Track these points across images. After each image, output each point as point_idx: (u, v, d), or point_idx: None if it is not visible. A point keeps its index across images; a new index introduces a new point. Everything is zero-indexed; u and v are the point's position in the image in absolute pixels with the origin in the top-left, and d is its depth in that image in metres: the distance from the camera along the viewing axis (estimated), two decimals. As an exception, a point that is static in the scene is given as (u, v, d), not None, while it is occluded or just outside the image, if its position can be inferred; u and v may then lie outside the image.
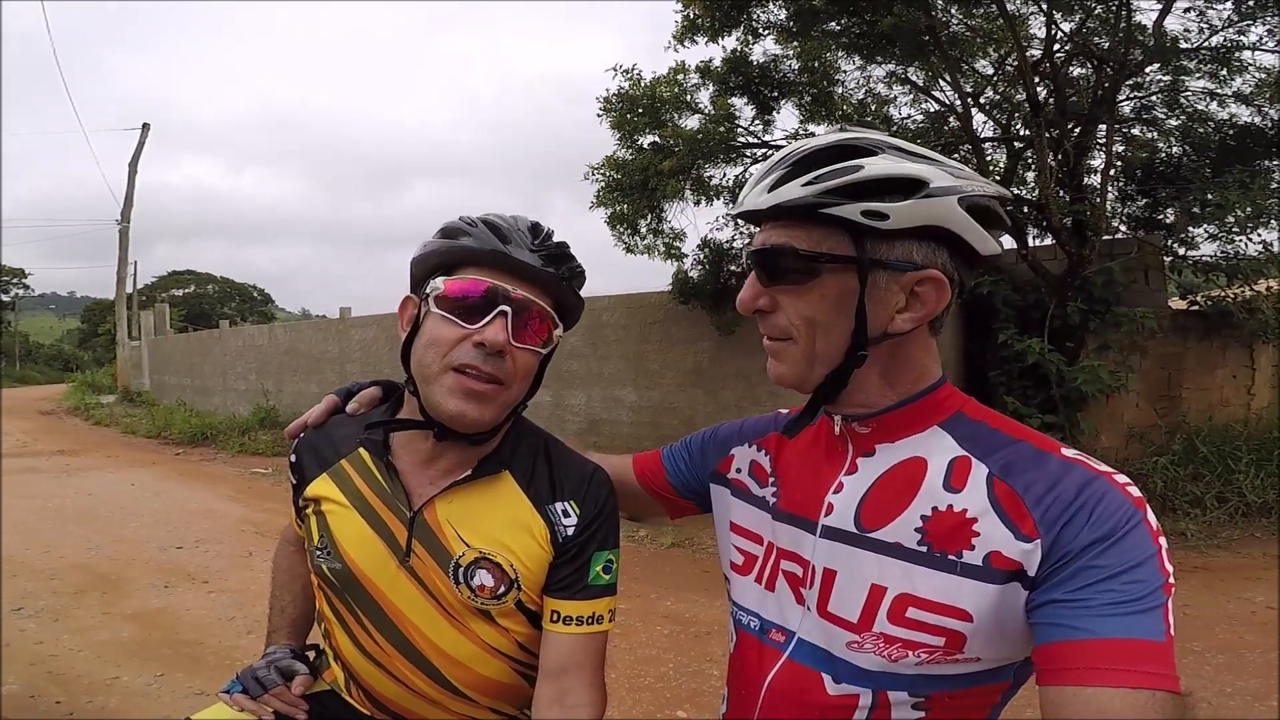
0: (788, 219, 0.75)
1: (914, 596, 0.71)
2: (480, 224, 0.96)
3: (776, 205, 0.73)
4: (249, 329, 13.76)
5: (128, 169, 18.66)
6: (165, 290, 42.28)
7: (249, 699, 1.05)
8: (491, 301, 0.93)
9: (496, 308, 0.92)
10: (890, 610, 0.73)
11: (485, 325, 0.92)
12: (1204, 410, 5.86)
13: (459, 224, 0.98)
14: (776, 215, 0.75)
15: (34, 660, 3.12)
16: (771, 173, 0.76)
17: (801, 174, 0.72)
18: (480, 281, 0.93)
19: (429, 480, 1.00)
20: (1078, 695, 0.59)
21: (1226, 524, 4.88)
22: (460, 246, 0.95)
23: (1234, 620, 3.44)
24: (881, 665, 0.73)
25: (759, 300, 0.79)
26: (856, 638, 0.75)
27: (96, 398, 17.96)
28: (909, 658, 0.71)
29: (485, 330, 0.91)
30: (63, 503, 6.51)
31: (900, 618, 0.72)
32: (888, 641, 0.73)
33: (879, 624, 0.73)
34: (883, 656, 0.73)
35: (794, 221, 0.75)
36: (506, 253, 0.93)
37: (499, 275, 0.94)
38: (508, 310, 0.93)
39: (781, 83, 6.32)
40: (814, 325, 0.75)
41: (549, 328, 0.99)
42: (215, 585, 4.23)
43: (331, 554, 1.01)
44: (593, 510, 1.01)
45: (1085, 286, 5.36)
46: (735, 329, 6.47)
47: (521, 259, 0.94)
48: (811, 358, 0.76)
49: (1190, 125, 5.84)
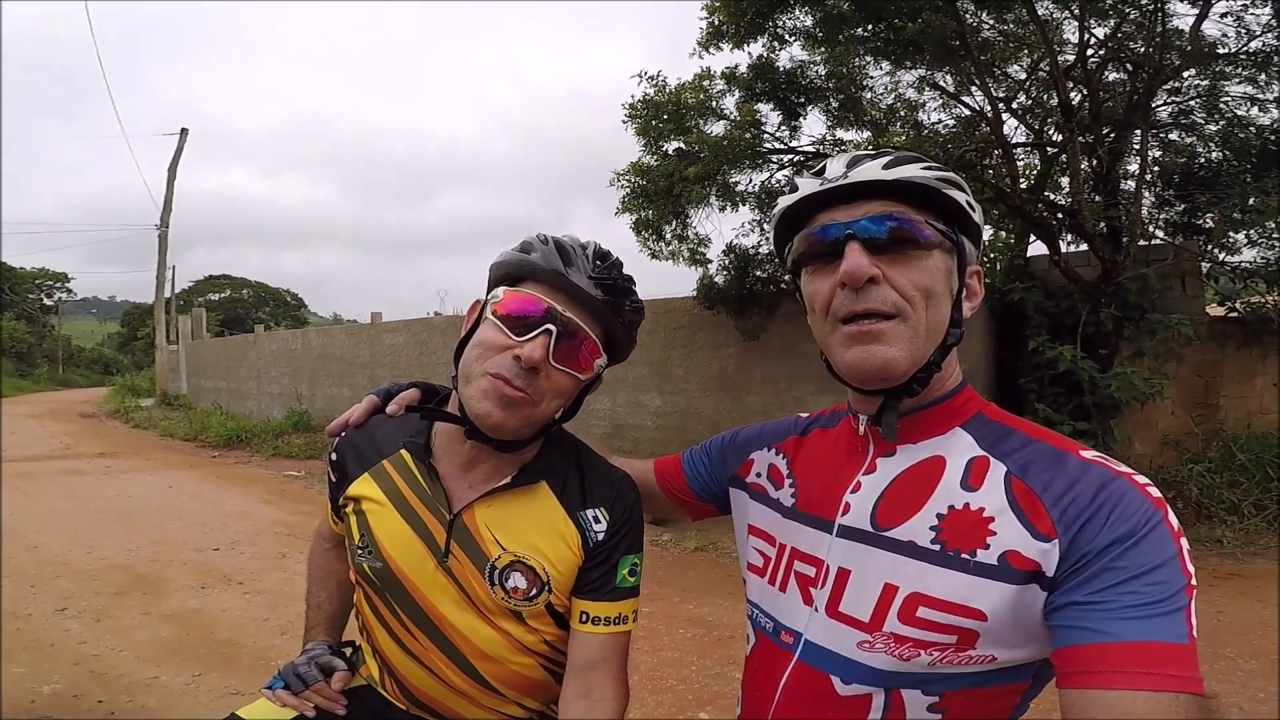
0: (893, 197, 0.76)
1: (925, 595, 0.72)
2: (550, 242, 0.99)
3: (899, 180, 0.75)
4: (283, 333, 14.05)
5: (166, 174, 19.08)
6: (202, 295, 43.38)
7: (291, 695, 1.09)
8: (540, 319, 0.95)
9: (543, 326, 0.94)
10: (901, 609, 0.73)
11: (527, 341, 0.94)
12: (1242, 418, 5.73)
13: (533, 240, 1.01)
14: (883, 191, 0.76)
15: (78, 660, 3.23)
16: (864, 159, 0.78)
17: (908, 164, 0.77)
18: (536, 299, 0.96)
19: (469, 485, 1.03)
20: (1100, 699, 0.59)
21: (1265, 531, 4.79)
22: (527, 261, 0.98)
23: (1268, 626, 3.36)
24: (894, 665, 0.73)
25: (871, 269, 0.74)
26: (868, 637, 0.74)
27: (136, 401, 18.47)
28: (920, 657, 0.71)
29: (526, 346, 0.93)
30: (105, 504, 6.72)
31: (911, 617, 0.72)
32: (898, 641, 0.72)
33: (889, 623, 0.73)
34: (894, 656, 0.73)
35: (900, 199, 0.76)
36: (565, 274, 0.96)
37: (555, 295, 0.96)
38: (553, 330, 0.95)
39: (808, 89, 6.29)
40: (930, 296, 0.75)
41: (592, 356, 1.00)
42: (250, 586, 4.33)
43: (373, 553, 1.04)
44: (621, 516, 1.04)
45: (1119, 293, 5.26)
46: (760, 335, 6.46)
47: (578, 283, 0.96)
48: (925, 333, 0.75)
49: (1230, 130, 5.70)
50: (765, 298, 6.35)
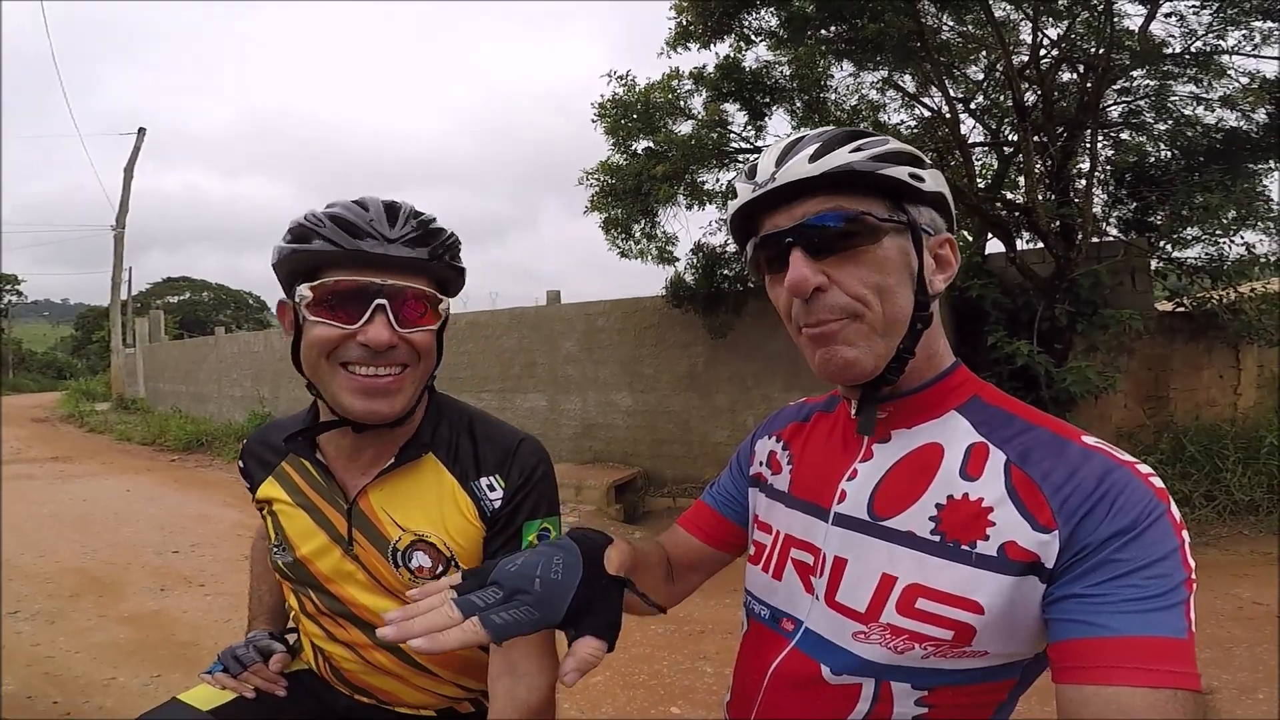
0: (830, 189, 0.73)
1: (924, 587, 0.70)
2: (329, 222, 0.90)
3: (827, 173, 0.71)
4: (244, 335, 13.73)
5: (123, 174, 18.54)
6: (160, 297, 42.18)
7: (230, 677, 1.10)
8: (364, 298, 0.90)
9: (373, 304, 0.90)
10: (899, 601, 0.71)
11: (365, 324, 0.90)
12: (1191, 410, 5.93)
13: (306, 225, 0.91)
14: (819, 186, 0.73)
15: (30, 661, 3.14)
16: (795, 150, 0.74)
17: (834, 149, 0.72)
18: (345, 282, 0.90)
19: (359, 471, 1.02)
20: (1097, 694, 0.58)
21: (1215, 522, 4.96)
22: (314, 251, 0.90)
23: (1222, 616, 3.49)
24: (887, 657, 0.71)
25: (817, 278, 0.72)
26: (864, 628, 0.73)
27: (91, 405, 17.85)
28: (915, 650, 0.70)
29: (368, 330, 0.89)
30: (58, 508, 6.51)
31: (909, 609, 0.70)
32: (894, 633, 0.71)
33: (887, 614, 0.72)
34: (889, 648, 0.71)
35: (836, 191, 0.73)
36: (364, 249, 0.89)
37: (364, 272, 0.90)
38: (384, 303, 0.90)
39: (774, 89, 6.36)
40: (883, 291, 0.72)
41: (434, 303, 0.97)
42: (211, 588, 4.25)
43: (286, 549, 1.06)
44: (519, 480, 1.01)
45: (1073, 289, 5.41)
46: (728, 333, 6.51)
47: (382, 252, 0.90)
48: (884, 328, 0.73)
49: (1178, 129, 5.90)
50: (733, 296, 6.41)
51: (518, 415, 8.03)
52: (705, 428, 6.92)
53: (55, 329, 67.07)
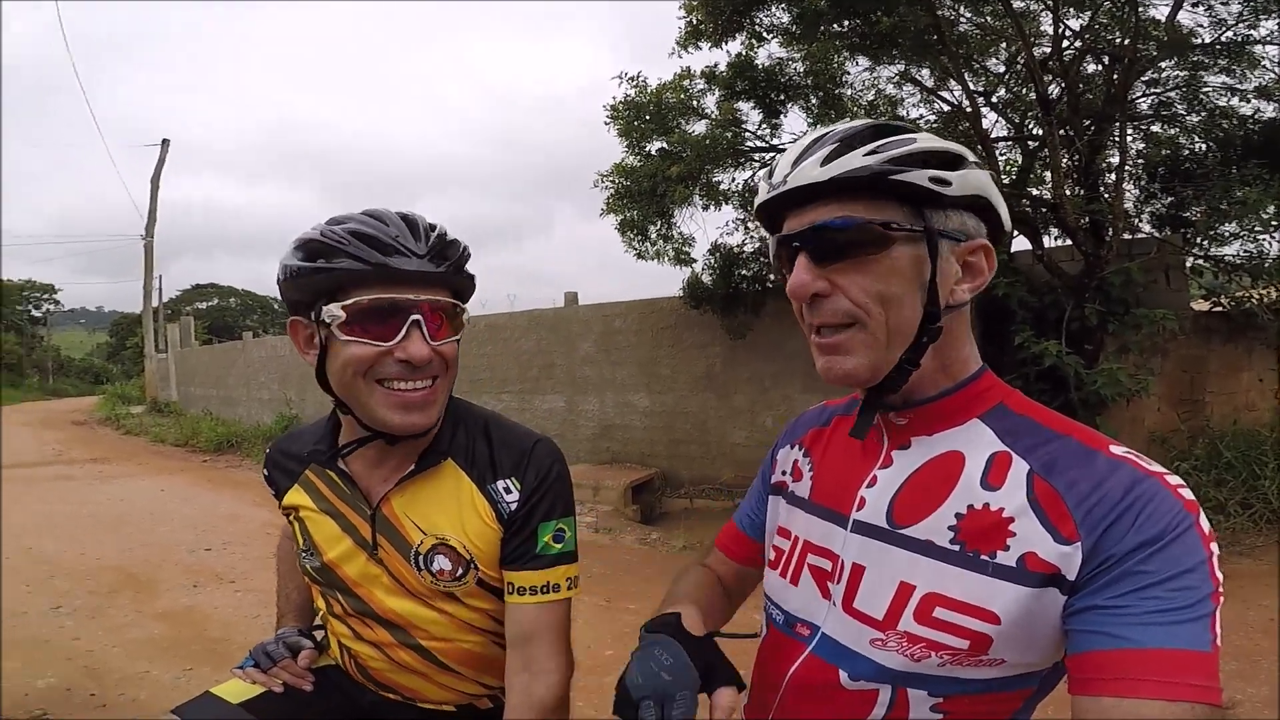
0: (843, 193, 0.71)
1: (943, 596, 0.69)
2: (353, 239, 0.90)
3: (835, 178, 0.69)
4: (271, 340, 14.00)
5: (150, 185, 19.05)
6: (189, 303, 43.25)
7: (260, 672, 1.13)
8: (398, 315, 0.91)
9: (408, 320, 0.91)
10: (917, 609, 0.71)
11: (402, 340, 0.91)
12: (1228, 414, 5.68)
13: (328, 242, 0.90)
14: (830, 190, 0.71)
15: (71, 655, 3.25)
16: (813, 150, 0.72)
17: (852, 149, 0.70)
18: (379, 300, 0.91)
19: (381, 478, 1.05)
20: (1115, 707, 0.57)
21: (1250, 530, 4.73)
22: (342, 270, 0.90)
23: (1251, 627, 3.38)
24: (904, 664, 0.71)
25: (816, 284, 0.72)
26: (881, 635, 0.73)
27: (126, 408, 18.37)
28: (931, 658, 0.69)
29: (407, 347, 0.91)
30: (96, 508, 6.72)
31: (927, 617, 0.70)
32: (911, 641, 0.71)
33: (904, 622, 0.71)
34: (906, 656, 0.71)
35: (850, 196, 0.71)
36: (394, 266, 0.90)
37: (393, 289, 0.91)
38: (419, 318, 0.92)
39: (788, 86, 6.30)
40: (886, 301, 0.70)
41: (459, 314, 1.00)
42: (241, 585, 4.36)
43: (313, 554, 1.09)
44: (534, 482, 1.03)
45: (1103, 287, 5.23)
46: (746, 333, 6.48)
47: (413, 269, 0.91)
48: (886, 338, 0.71)
49: (1213, 121, 5.70)
50: (751, 296, 6.37)
51: (536, 416, 8.09)
52: (723, 428, 6.90)
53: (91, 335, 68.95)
